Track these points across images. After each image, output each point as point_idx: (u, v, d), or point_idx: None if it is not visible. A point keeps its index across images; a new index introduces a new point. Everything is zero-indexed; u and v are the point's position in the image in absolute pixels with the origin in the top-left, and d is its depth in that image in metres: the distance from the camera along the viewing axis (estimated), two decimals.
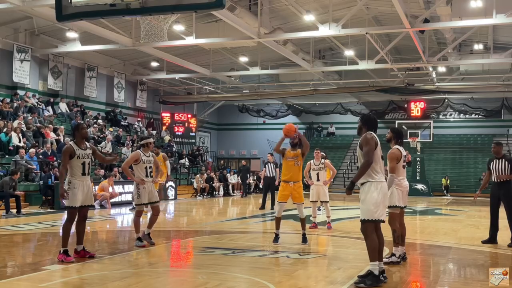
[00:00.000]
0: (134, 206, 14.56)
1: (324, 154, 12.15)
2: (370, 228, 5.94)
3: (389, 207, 7.06)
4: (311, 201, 11.68)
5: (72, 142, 7.40)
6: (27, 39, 21.66)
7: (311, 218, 11.84)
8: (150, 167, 8.73)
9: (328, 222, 11.52)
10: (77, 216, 7.38)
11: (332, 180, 12.23)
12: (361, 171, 5.93)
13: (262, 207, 16.97)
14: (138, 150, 8.82)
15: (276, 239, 8.99)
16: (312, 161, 11.95)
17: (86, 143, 7.52)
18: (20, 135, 17.91)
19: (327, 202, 11.78)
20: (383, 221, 6.11)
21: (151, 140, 8.97)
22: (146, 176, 8.62)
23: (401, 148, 7.36)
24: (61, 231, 7.50)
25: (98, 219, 13.54)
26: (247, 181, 25.88)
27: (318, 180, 11.67)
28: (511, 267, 6.06)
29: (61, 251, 7.18)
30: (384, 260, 6.71)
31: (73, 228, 7.42)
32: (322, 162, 11.82)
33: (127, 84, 27.67)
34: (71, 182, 7.21)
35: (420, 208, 19.16)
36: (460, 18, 16.97)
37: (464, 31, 21.18)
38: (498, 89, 27.18)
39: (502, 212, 9.34)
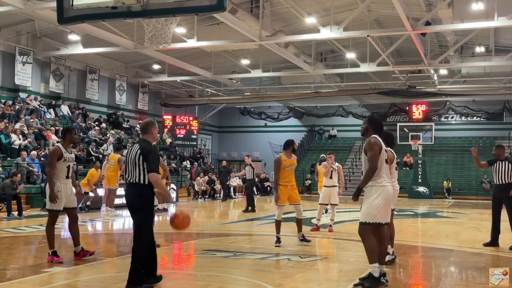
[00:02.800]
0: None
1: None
2: (367, 231, 5.98)
3: None
4: (320, 204, 11.68)
5: (60, 144, 7.41)
6: (29, 41, 21.69)
7: (313, 221, 11.82)
8: None
9: (330, 225, 11.51)
10: (68, 219, 7.47)
11: (343, 187, 12.23)
12: (366, 178, 5.96)
13: (252, 210, 16.67)
14: None
15: (277, 241, 9.03)
16: (326, 162, 11.90)
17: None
18: (21, 137, 17.93)
19: (336, 205, 11.78)
20: (385, 224, 6.10)
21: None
22: None
23: (392, 151, 7.17)
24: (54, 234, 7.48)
25: (99, 221, 13.54)
26: (227, 184, 23.63)
27: (331, 177, 11.55)
28: None
29: (50, 253, 7.25)
30: None
31: (68, 233, 7.42)
32: (336, 165, 11.80)
33: (128, 87, 27.68)
34: (55, 185, 7.19)
35: (422, 211, 19.12)
36: (462, 20, 16.94)
37: (465, 34, 21.17)
38: (500, 91, 27.11)
39: (504, 215, 9.32)
